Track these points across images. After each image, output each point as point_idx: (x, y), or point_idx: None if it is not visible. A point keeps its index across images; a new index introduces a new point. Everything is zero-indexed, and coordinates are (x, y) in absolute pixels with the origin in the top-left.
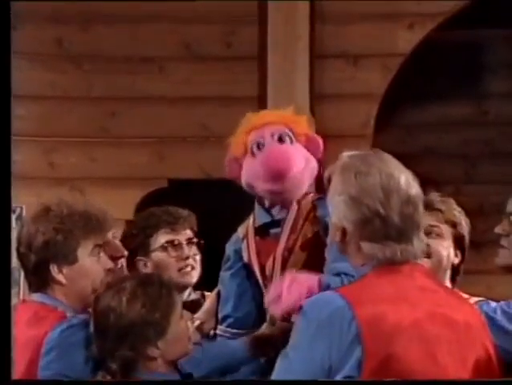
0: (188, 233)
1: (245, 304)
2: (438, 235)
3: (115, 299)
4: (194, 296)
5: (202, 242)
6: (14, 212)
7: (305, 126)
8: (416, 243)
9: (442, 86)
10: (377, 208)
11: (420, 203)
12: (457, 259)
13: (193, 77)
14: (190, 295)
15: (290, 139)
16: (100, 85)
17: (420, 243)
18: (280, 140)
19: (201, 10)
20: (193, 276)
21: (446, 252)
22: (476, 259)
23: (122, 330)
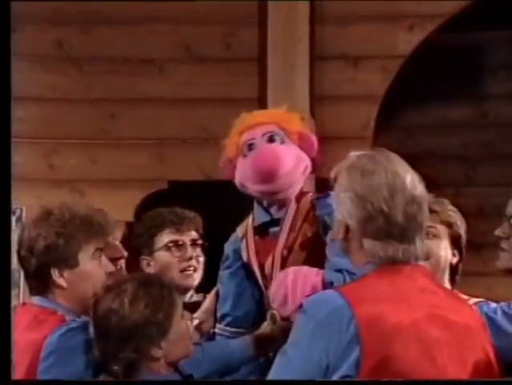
0: (192, 234)
1: (244, 303)
2: (435, 236)
3: (116, 302)
4: (196, 298)
5: (207, 244)
6: (14, 213)
7: (298, 124)
8: (418, 244)
9: (442, 87)
10: (381, 206)
11: (424, 203)
12: (455, 259)
13: (193, 78)
14: (192, 297)
15: (280, 138)
16: (100, 86)
17: (422, 244)
18: (270, 140)
19: (201, 12)
20: (195, 278)
21: (444, 252)
22: (476, 261)
23: (125, 332)
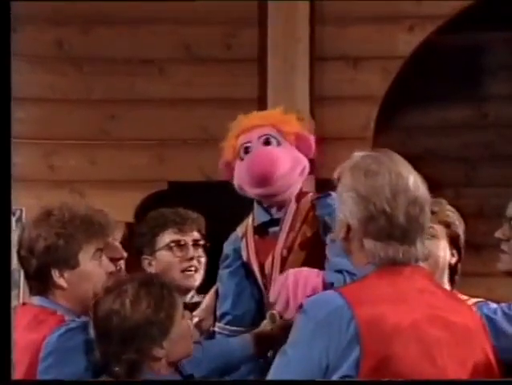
0: (195, 235)
1: (243, 302)
2: (433, 236)
3: (117, 302)
4: (197, 299)
5: (208, 245)
6: (14, 214)
7: (294, 125)
8: (418, 246)
9: (442, 88)
10: (383, 206)
11: (426, 205)
12: (454, 258)
13: (193, 79)
14: (193, 298)
15: (276, 140)
16: (100, 87)
17: (422, 246)
18: (266, 143)
19: (201, 12)
20: (196, 279)
21: (442, 252)
22: (476, 261)
23: (127, 333)
